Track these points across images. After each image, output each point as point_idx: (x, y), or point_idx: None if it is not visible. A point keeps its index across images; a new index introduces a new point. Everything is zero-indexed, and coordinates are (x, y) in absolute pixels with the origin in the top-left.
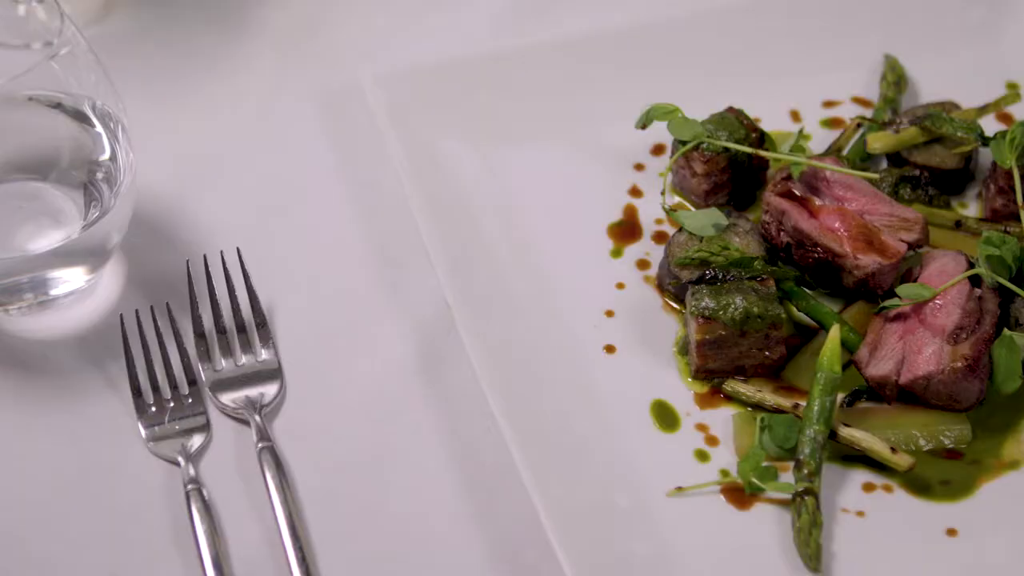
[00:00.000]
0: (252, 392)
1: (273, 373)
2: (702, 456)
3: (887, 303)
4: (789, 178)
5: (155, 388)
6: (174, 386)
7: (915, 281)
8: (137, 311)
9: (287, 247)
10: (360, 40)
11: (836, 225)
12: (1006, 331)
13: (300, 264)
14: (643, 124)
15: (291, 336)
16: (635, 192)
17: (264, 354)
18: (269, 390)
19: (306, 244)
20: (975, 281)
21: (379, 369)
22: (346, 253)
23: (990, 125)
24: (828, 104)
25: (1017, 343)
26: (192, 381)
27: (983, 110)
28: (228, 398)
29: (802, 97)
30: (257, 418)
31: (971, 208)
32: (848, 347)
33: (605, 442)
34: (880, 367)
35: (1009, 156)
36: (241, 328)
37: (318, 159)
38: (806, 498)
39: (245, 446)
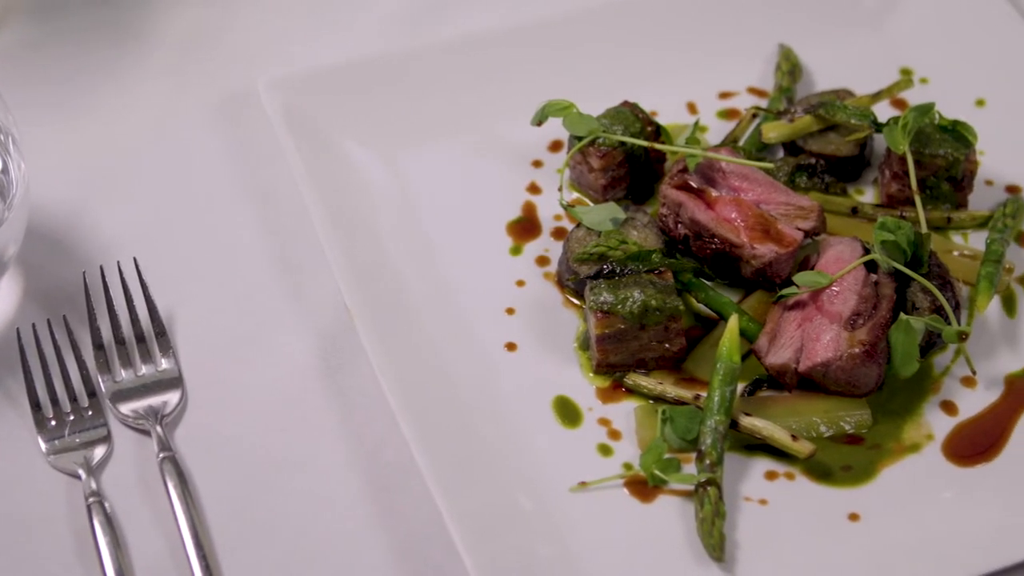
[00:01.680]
0: (153, 402)
1: (174, 382)
2: (605, 450)
3: (785, 291)
4: (685, 170)
5: (54, 401)
6: (73, 398)
7: (812, 269)
8: (34, 324)
9: (186, 255)
10: (256, 45)
11: (733, 215)
12: (903, 315)
13: (199, 272)
14: (538, 121)
15: (191, 344)
16: (533, 189)
17: (164, 363)
18: (170, 399)
19: (205, 252)
20: (871, 267)
21: (280, 375)
22: (245, 260)
23: (885, 111)
24: (724, 95)
25: (914, 327)
26: (92, 393)
27: (877, 96)
28: (129, 408)
29: (698, 89)
30: (158, 428)
31: (868, 194)
32: (748, 336)
33: (508, 439)
34: (779, 355)
35: (902, 142)
36: (140, 338)
37: (216, 166)
38: (708, 488)
39: (147, 457)
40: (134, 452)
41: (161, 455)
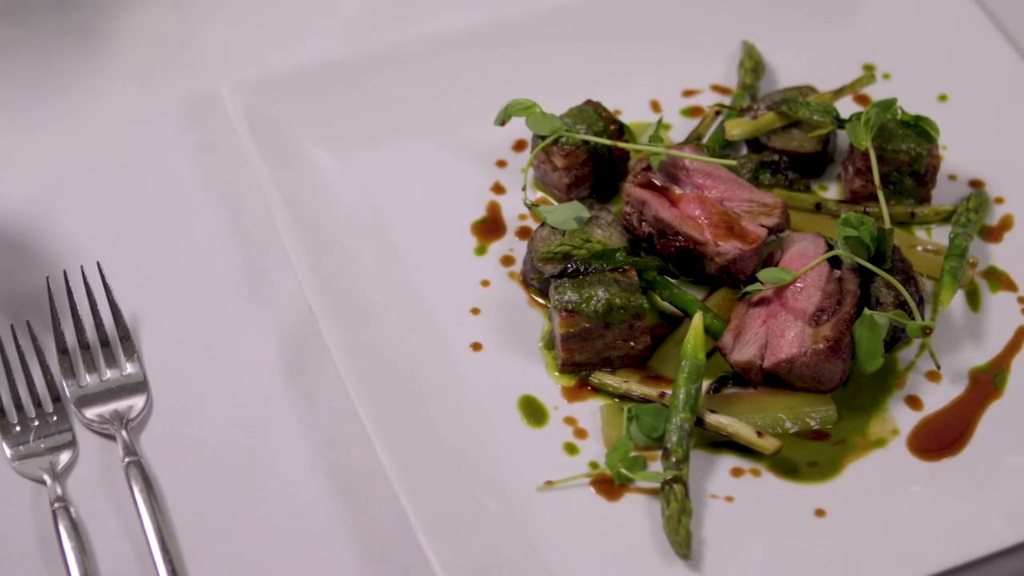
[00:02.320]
0: (118, 406)
1: (139, 386)
2: (571, 449)
3: (749, 288)
4: (649, 168)
5: (19, 407)
6: (38, 404)
7: (776, 265)
8: None
9: (150, 259)
10: (220, 49)
11: (696, 213)
12: (867, 311)
13: (164, 276)
14: (502, 121)
15: (156, 348)
16: (498, 189)
17: (129, 368)
18: (135, 403)
19: (169, 255)
20: (835, 263)
21: (245, 378)
22: (209, 263)
23: (848, 107)
24: (688, 93)
25: (878, 322)
26: (56, 398)
27: (839, 93)
28: (93, 413)
29: (661, 87)
30: (124, 433)
31: (831, 190)
32: (712, 334)
33: (474, 440)
34: (744, 352)
35: (865, 137)
36: (105, 342)
37: (180, 170)
38: (674, 486)
39: (112, 461)
40: (99, 457)
41: (126, 459)
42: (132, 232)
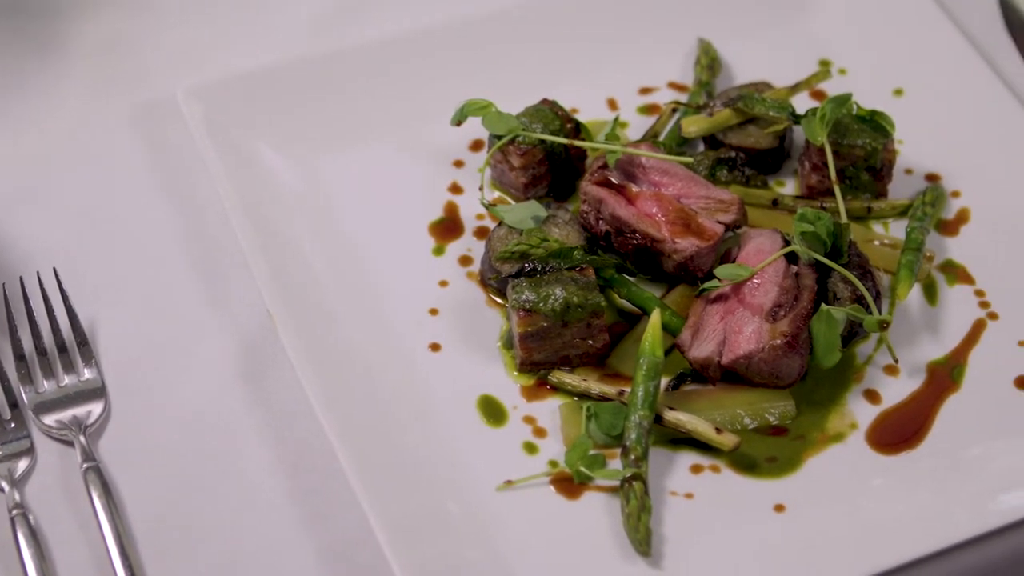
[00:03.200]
0: (76, 412)
1: (97, 392)
2: (530, 448)
3: (706, 285)
4: (605, 166)
5: None
6: None
7: (733, 261)
8: None
9: (107, 264)
10: (176, 53)
11: (653, 210)
12: (824, 306)
13: (121, 281)
14: (458, 121)
15: (114, 354)
16: (455, 189)
17: (87, 373)
18: (93, 409)
19: (126, 260)
20: (792, 258)
21: (204, 382)
22: (167, 268)
23: (805, 103)
24: (644, 91)
25: (835, 317)
26: (14, 404)
27: (795, 89)
28: (52, 419)
29: (618, 85)
30: (82, 439)
31: (788, 186)
32: (671, 331)
33: (434, 440)
34: (702, 349)
35: (820, 133)
36: (62, 348)
37: (136, 174)
38: (634, 484)
39: (71, 467)
40: (58, 463)
41: (85, 465)
42: (89, 238)
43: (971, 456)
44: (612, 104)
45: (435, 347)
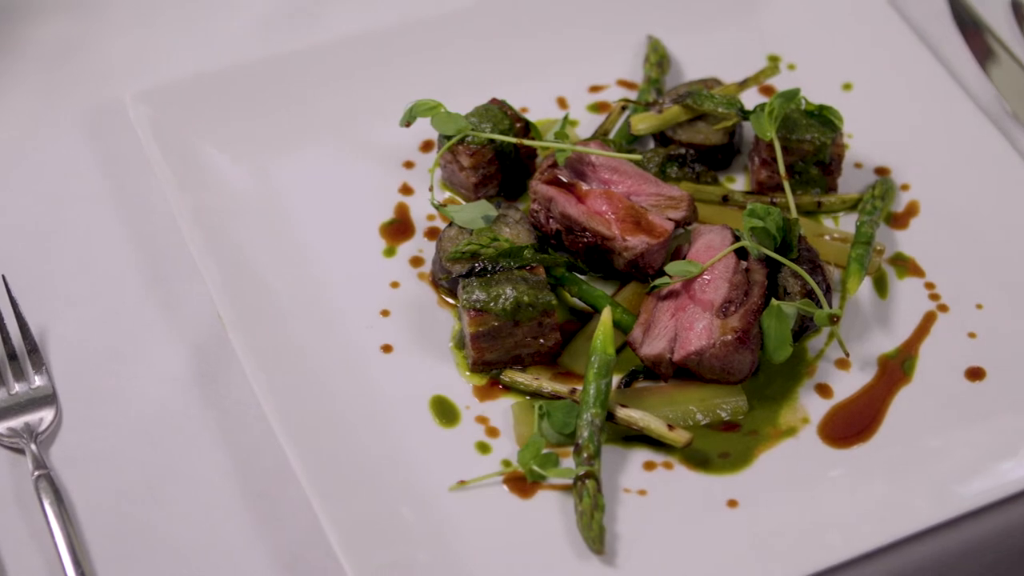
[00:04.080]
0: (27, 419)
1: (47, 399)
2: (483, 448)
3: (657, 282)
4: (555, 165)
5: None
6: None
7: (684, 258)
8: None
9: (56, 270)
10: (124, 57)
11: (603, 208)
12: (774, 301)
13: (71, 287)
14: (407, 122)
15: (65, 360)
16: (406, 190)
17: (37, 380)
18: (44, 416)
19: (76, 266)
20: (742, 254)
21: (155, 387)
22: (117, 273)
23: (755, 99)
24: (594, 89)
25: (785, 312)
26: None
27: (744, 84)
28: (2, 427)
29: (568, 84)
30: (33, 446)
31: (739, 182)
32: (622, 328)
33: (386, 441)
34: (654, 346)
35: (769, 128)
36: (12, 355)
37: (85, 180)
38: (587, 482)
39: (22, 475)
40: (8, 471)
41: (36, 473)
42: (38, 244)
43: (924, 447)
44: (562, 103)
45: (387, 348)
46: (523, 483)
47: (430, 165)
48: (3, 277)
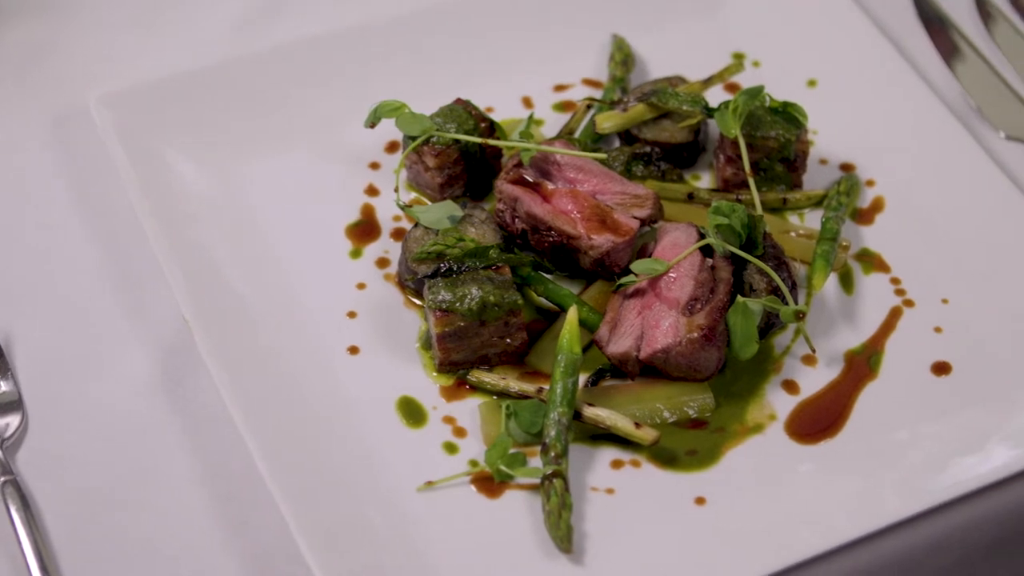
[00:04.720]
0: None
1: (13, 404)
2: (451, 448)
3: (623, 280)
4: (520, 165)
5: None
6: None
7: (650, 256)
8: None
9: (21, 275)
10: (88, 60)
11: (569, 207)
12: (740, 298)
13: (36, 291)
14: (371, 123)
15: (30, 366)
16: (371, 191)
17: (3, 385)
18: (10, 422)
19: (41, 271)
20: (707, 251)
21: (122, 391)
22: (83, 277)
23: (720, 96)
24: (559, 88)
25: (751, 309)
26: None
27: (708, 82)
28: None
29: (533, 83)
30: None
31: (704, 180)
32: (589, 327)
33: (353, 443)
34: (620, 344)
35: (734, 125)
36: None
37: (50, 184)
38: (554, 481)
39: None
40: None
41: (2, 479)
42: (2, 248)
43: (891, 442)
44: (527, 102)
45: (353, 350)
46: (491, 483)
47: (395, 166)
48: None
